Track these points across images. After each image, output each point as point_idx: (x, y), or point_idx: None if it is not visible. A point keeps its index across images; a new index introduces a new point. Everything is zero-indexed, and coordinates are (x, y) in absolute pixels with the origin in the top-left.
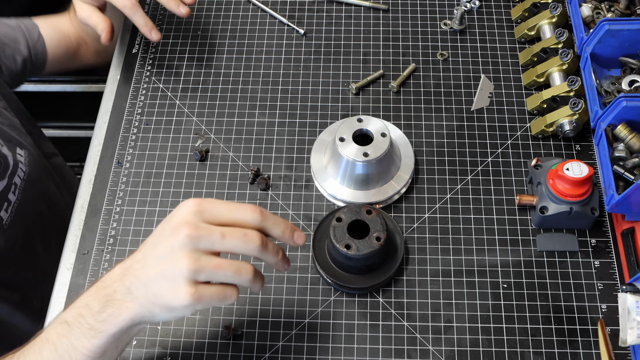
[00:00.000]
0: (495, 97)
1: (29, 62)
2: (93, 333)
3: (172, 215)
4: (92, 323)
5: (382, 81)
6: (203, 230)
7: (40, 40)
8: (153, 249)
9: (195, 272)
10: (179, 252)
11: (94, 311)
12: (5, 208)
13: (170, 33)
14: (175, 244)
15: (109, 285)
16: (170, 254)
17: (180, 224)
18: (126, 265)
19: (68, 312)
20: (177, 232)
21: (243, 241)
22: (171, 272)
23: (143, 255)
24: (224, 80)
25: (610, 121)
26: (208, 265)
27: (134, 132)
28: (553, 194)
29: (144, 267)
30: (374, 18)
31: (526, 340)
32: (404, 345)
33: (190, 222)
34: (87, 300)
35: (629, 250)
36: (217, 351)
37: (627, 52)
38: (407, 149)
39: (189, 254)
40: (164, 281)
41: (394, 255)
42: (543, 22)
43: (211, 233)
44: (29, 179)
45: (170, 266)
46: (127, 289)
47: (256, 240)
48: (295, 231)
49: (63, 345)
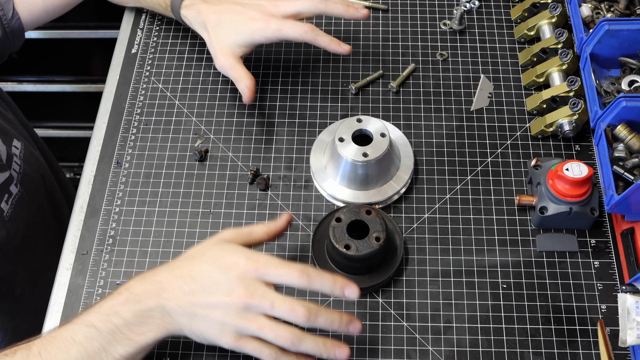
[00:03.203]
0: (495, 97)
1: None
2: (128, 342)
3: (229, 266)
4: (128, 334)
5: (381, 81)
6: (256, 298)
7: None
8: (205, 294)
9: (241, 330)
10: (232, 311)
11: (128, 323)
12: (5, 200)
13: (169, 33)
14: (231, 304)
15: (142, 300)
16: (223, 308)
17: (239, 284)
18: (164, 285)
19: (93, 316)
20: (235, 293)
21: (290, 315)
22: (220, 322)
23: (191, 291)
24: (223, 80)
25: (610, 121)
26: (252, 327)
27: (134, 132)
28: (553, 194)
29: (190, 304)
30: (373, 18)
31: (526, 340)
32: (404, 345)
33: (248, 285)
34: (116, 309)
35: (628, 250)
36: (216, 351)
37: (626, 52)
38: (406, 149)
39: (240, 315)
40: (212, 325)
41: (394, 256)
42: (543, 22)
43: (263, 302)
44: (26, 171)
45: (220, 318)
46: (166, 312)
47: (302, 315)
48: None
49: (93, 348)
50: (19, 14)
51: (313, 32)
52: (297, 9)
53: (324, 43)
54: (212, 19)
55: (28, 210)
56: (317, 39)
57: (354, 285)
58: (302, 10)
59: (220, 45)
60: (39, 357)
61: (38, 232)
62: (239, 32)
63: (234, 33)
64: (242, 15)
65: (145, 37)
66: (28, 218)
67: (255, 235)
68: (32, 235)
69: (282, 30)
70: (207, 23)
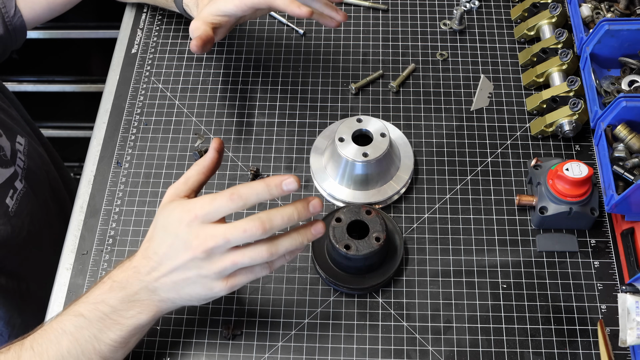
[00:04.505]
0: (495, 98)
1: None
2: (119, 327)
3: (174, 229)
4: (118, 319)
5: (381, 81)
6: (210, 241)
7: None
8: (172, 261)
9: (221, 273)
10: (201, 263)
11: (116, 309)
12: (11, 195)
13: (169, 33)
14: (195, 259)
15: (126, 286)
16: (192, 265)
17: (190, 238)
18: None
19: (81, 306)
20: (190, 249)
21: (245, 235)
22: (199, 277)
23: (161, 264)
24: (223, 80)
25: (610, 121)
26: (228, 266)
27: (134, 132)
28: (553, 194)
29: (167, 276)
30: (373, 18)
31: (526, 340)
32: (404, 345)
33: (197, 233)
34: (102, 297)
35: (628, 250)
36: (216, 351)
37: (626, 52)
38: (406, 149)
39: (211, 262)
40: (195, 284)
41: (394, 256)
42: (543, 22)
43: (217, 241)
44: (30, 167)
45: (196, 274)
46: (151, 291)
47: (257, 228)
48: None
49: (84, 337)
50: (21, 11)
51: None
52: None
53: (282, 4)
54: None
55: (33, 205)
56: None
57: (285, 177)
58: None
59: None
60: (31, 351)
61: (43, 227)
62: (212, 3)
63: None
64: None
65: (145, 37)
66: (33, 214)
67: (191, 180)
68: (37, 231)
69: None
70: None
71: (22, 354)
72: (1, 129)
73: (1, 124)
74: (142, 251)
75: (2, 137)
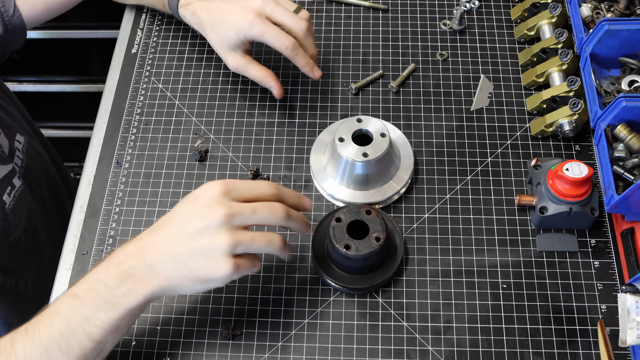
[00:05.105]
0: (495, 98)
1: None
2: (110, 307)
3: (198, 196)
4: (109, 297)
5: (381, 81)
6: (236, 208)
7: (17, 14)
8: (182, 227)
9: (234, 247)
10: (216, 230)
11: (109, 286)
12: (8, 192)
13: (169, 33)
14: (212, 222)
15: (123, 261)
16: (205, 232)
17: (212, 204)
18: (144, 242)
19: (78, 286)
20: (212, 212)
21: (271, 213)
22: (209, 248)
23: (169, 232)
24: (223, 81)
25: (610, 121)
26: (244, 239)
27: (134, 132)
28: (553, 194)
29: (172, 244)
30: (373, 18)
31: (526, 340)
32: (404, 345)
33: (222, 202)
34: (98, 276)
35: (628, 250)
36: (216, 351)
37: (626, 52)
38: (406, 149)
39: (227, 231)
40: (201, 257)
41: (394, 256)
42: (543, 22)
43: (244, 210)
44: (28, 165)
45: (207, 243)
46: (148, 265)
47: (282, 210)
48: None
49: (75, 318)
50: (20, 10)
51: (293, 51)
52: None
53: (299, 64)
54: (206, 19)
55: (30, 203)
56: (295, 58)
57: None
58: (287, 25)
59: (221, 48)
60: (24, 334)
61: (40, 226)
62: (228, 32)
63: (224, 33)
64: (229, 13)
65: (145, 37)
66: (30, 211)
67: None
68: (34, 229)
69: (264, 36)
70: (203, 24)
71: (16, 337)
72: (0, 127)
73: (1, 123)
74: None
75: (1, 134)
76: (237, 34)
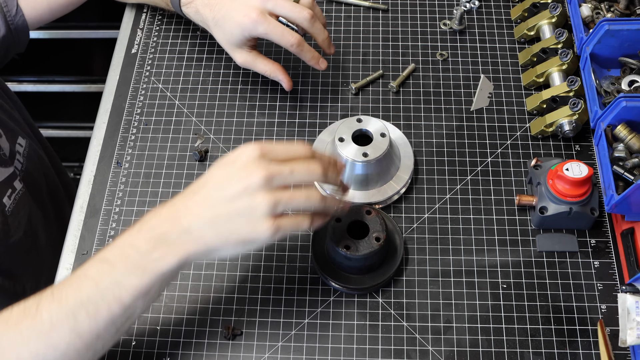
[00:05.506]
0: (495, 97)
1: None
2: (142, 271)
3: (234, 159)
4: (141, 262)
5: (381, 81)
6: (275, 169)
7: (19, 14)
8: (220, 190)
9: (274, 207)
10: (256, 191)
11: (142, 251)
12: (8, 195)
13: (169, 33)
14: (252, 184)
15: (157, 225)
16: (244, 194)
17: (251, 166)
18: (178, 206)
19: (107, 251)
20: (250, 174)
21: (308, 171)
22: (249, 209)
23: (205, 195)
24: (223, 81)
25: (610, 121)
26: (283, 198)
27: (134, 132)
28: (553, 194)
29: (210, 207)
30: (373, 18)
31: (526, 340)
32: (404, 345)
33: (261, 164)
34: (130, 240)
35: (628, 250)
36: (216, 351)
37: (626, 52)
38: (406, 149)
39: (267, 192)
40: (241, 218)
41: (394, 256)
42: (543, 22)
43: (282, 171)
44: (28, 168)
45: (247, 204)
46: (184, 230)
47: (319, 168)
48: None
49: (105, 282)
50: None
51: (298, 47)
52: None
53: (305, 58)
54: (209, 17)
55: (30, 206)
56: (301, 54)
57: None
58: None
59: (227, 45)
60: (51, 297)
61: (40, 229)
62: (233, 30)
63: (229, 31)
64: (232, 11)
65: (145, 37)
66: (30, 214)
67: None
68: (34, 232)
69: (269, 35)
70: (207, 21)
71: (42, 300)
72: (2, 129)
73: (3, 125)
74: (185, 192)
75: (2, 137)
76: (242, 32)
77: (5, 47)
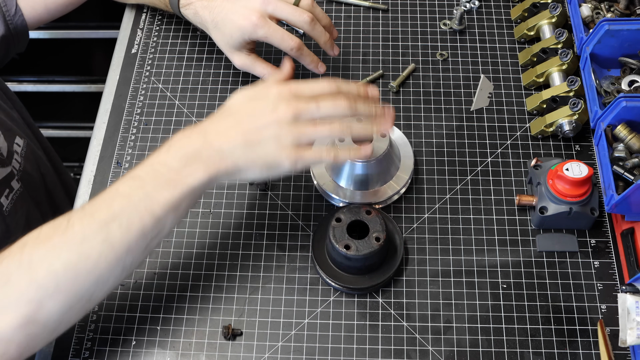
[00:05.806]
0: (495, 98)
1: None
2: (173, 185)
3: (265, 94)
4: (173, 177)
5: (381, 81)
6: (303, 106)
7: (18, 14)
8: (252, 120)
9: (299, 138)
10: (285, 124)
11: (172, 167)
12: (6, 195)
13: (169, 33)
14: (282, 119)
15: (187, 145)
16: (274, 124)
17: (279, 102)
18: (208, 130)
19: (139, 169)
20: (281, 109)
21: (335, 106)
22: (277, 138)
23: (237, 122)
24: (223, 81)
25: (610, 121)
26: (307, 131)
27: (134, 132)
28: (553, 194)
29: (241, 133)
30: (373, 18)
31: (526, 340)
32: (404, 345)
33: (289, 101)
34: (160, 158)
35: (628, 250)
36: (216, 351)
37: (626, 52)
38: (406, 149)
39: (293, 125)
40: (269, 145)
41: (394, 256)
42: (543, 22)
43: (309, 107)
44: (26, 168)
45: (275, 133)
46: (217, 150)
47: (345, 102)
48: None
49: (137, 196)
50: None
51: (298, 51)
52: (284, 17)
53: (305, 62)
54: (208, 19)
55: (28, 207)
56: (300, 58)
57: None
58: (291, 21)
59: (225, 48)
60: (82, 212)
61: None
62: (232, 33)
63: (228, 34)
64: (232, 13)
65: (145, 37)
66: (28, 215)
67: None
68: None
69: (269, 39)
70: (206, 23)
71: (73, 215)
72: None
73: (1, 125)
74: (211, 117)
75: (0, 137)
76: (242, 36)
77: (5, 47)
